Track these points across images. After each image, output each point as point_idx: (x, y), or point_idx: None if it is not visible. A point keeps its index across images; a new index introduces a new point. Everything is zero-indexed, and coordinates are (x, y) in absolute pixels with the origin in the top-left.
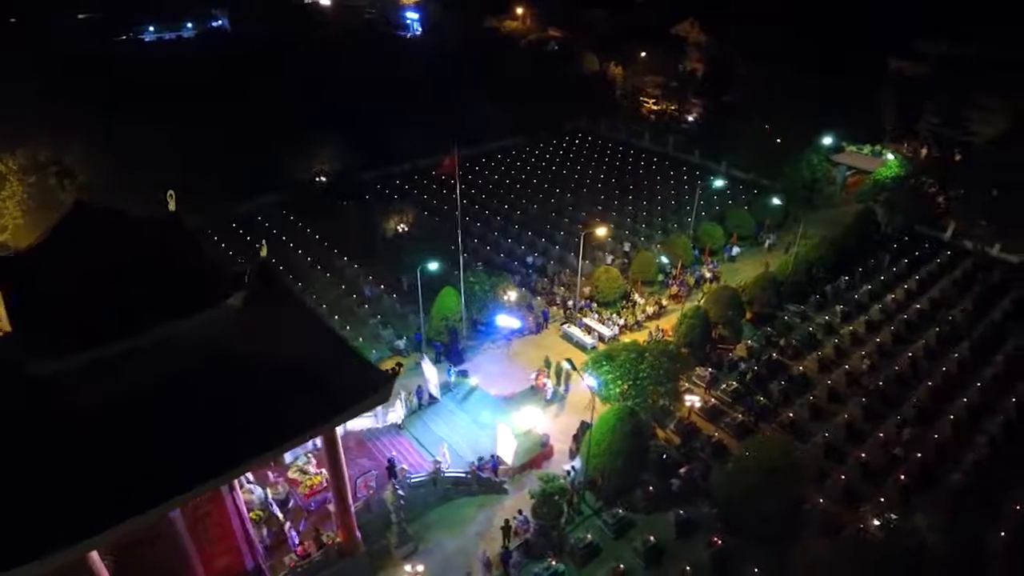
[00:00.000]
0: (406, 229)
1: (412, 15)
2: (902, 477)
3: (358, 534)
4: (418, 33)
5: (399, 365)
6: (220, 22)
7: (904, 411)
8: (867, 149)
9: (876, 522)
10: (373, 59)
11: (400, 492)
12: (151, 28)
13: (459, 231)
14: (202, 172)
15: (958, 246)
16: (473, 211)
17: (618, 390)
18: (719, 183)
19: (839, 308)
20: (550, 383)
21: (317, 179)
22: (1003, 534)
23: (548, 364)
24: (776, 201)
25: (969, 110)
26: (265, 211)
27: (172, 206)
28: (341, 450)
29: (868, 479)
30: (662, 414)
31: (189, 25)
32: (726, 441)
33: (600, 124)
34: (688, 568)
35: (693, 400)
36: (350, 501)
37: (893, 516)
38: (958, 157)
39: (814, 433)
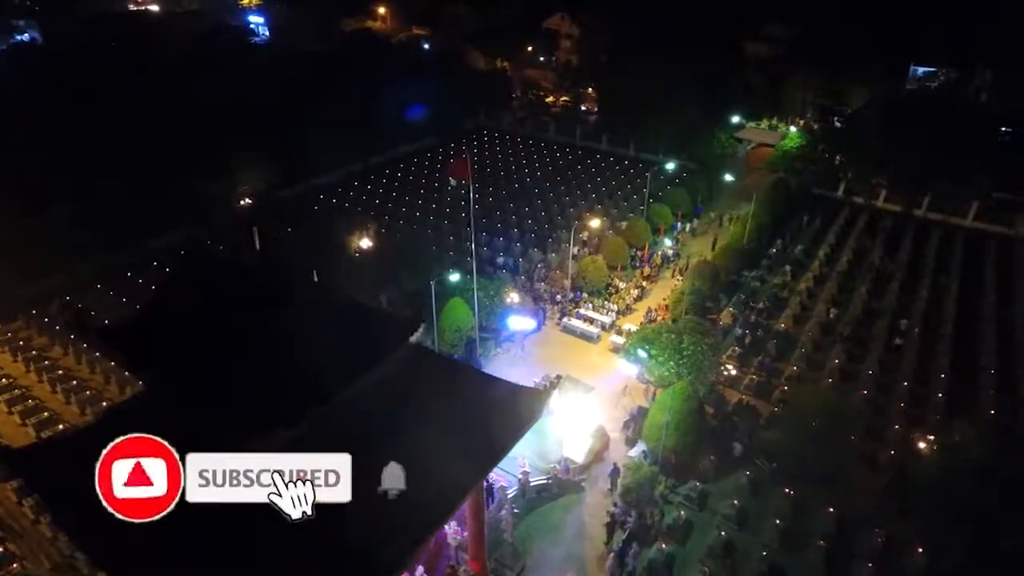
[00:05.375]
0: (371, 244)
1: (256, 18)
2: (902, 405)
3: (488, 563)
4: (266, 37)
5: (558, 377)
6: (26, 35)
7: (874, 347)
8: (764, 124)
9: (922, 444)
10: (235, 68)
11: (516, 510)
12: None
13: (471, 238)
14: (106, 208)
15: (851, 202)
16: (416, 218)
17: (668, 371)
18: (670, 166)
19: (788, 268)
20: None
21: (242, 202)
22: None
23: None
24: (729, 177)
25: (838, 83)
26: (188, 244)
27: (258, 244)
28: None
29: (875, 413)
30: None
31: None
32: (752, 402)
33: (502, 120)
34: (778, 522)
35: (729, 369)
36: (485, 530)
37: (931, 437)
38: (838, 124)
39: (817, 381)
